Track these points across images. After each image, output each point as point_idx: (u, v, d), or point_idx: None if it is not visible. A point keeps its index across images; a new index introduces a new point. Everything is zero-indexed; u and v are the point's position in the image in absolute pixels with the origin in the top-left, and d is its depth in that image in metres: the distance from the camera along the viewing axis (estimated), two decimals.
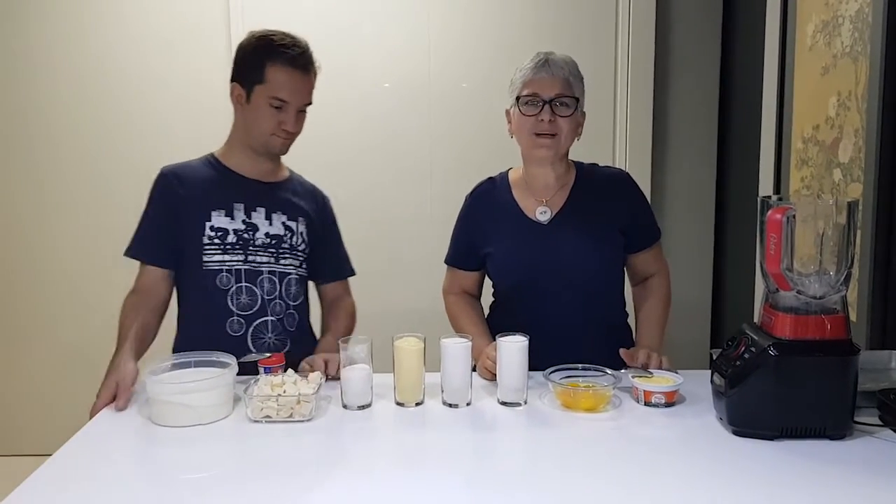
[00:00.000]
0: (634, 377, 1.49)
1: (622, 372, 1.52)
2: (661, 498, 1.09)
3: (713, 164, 2.91)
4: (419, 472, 1.19)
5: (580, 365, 1.53)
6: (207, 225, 1.68)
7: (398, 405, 1.47)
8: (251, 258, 1.69)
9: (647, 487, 1.12)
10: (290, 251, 1.73)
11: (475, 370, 1.61)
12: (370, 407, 1.46)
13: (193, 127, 2.87)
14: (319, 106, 1.75)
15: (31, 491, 1.12)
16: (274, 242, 1.71)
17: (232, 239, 1.68)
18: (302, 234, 1.76)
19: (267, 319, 1.71)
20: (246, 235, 1.69)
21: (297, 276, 1.76)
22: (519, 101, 1.66)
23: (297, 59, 1.64)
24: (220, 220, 1.68)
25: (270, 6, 2.75)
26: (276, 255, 1.71)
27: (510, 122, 1.71)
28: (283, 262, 1.72)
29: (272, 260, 1.71)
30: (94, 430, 1.37)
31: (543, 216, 1.71)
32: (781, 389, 1.26)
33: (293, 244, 1.74)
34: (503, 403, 1.48)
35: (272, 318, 1.71)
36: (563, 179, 1.73)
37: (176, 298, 1.77)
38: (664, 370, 1.55)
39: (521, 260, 1.71)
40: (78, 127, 2.90)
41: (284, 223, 1.73)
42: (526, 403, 1.47)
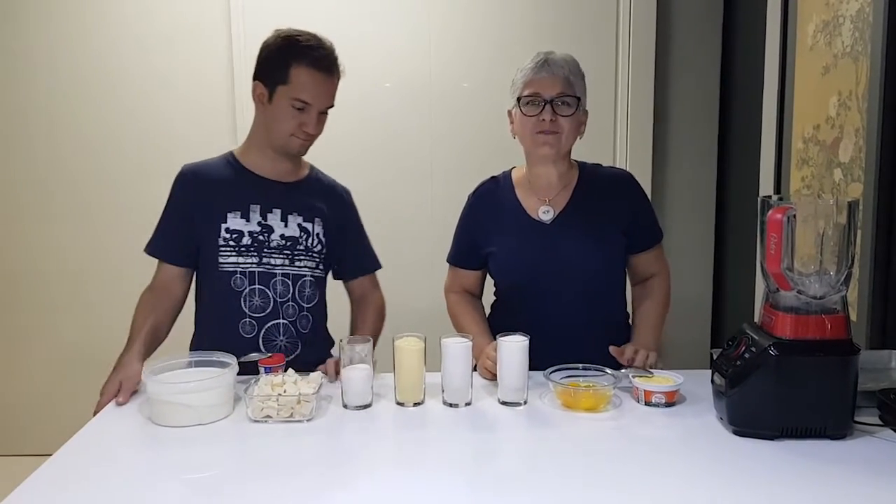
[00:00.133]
0: (635, 377, 1.49)
1: (622, 372, 1.52)
2: (661, 498, 1.09)
3: (713, 164, 2.91)
4: (419, 471, 1.19)
5: (580, 365, 1.53)
6: (223, 227, 1.68)
7: (398, 405, 1.47)
8: (265, 260, 1.69)
9: (647, 487, 1.12)
10: (305, 253, 1.73)
11: (476, 370, 1.61)
12: (370, 407, 1.46)
13: (195, 125, 2.88)
14: None
15: (31, 491, 1.12)
16: (289, 244, 1.71)
17: (247, 241, 1.68)
18: (318, 235, 1.74)
19: (279, 322, 1.70)
20: (261, 237, 1.69)
21: (311, 277, 1.75)
22: (520, 101, 1.66)
23: (321, 60, 1.63)
24: (235, 221, 1.68)
25: (270, 6, 2.75)
26: (290, 256, 1.71)
27: (512, 122, 1.71)
28: (297, 263, 1.72)
29: (286, 262, 1.70)
30: (94, 430, 1.37)
31: (546, 216, 1.71)
32: (782, 389, 1.26)
33: (308, 246, 1.73)
34: (503, 403, 1.47)
35: (284, 320, 1.71)
36: (565, 179, 1.73)
37: (194, 297, 1.78)
38: (651, 368, 1.55)
39: (523, 259, 1.71)
40: (80, 126, 2.90)
41: (300, 224, 1.72)
42: (526, 403, 1.47)
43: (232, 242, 1.68)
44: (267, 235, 1.69)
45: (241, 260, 1.68)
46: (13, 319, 3.01)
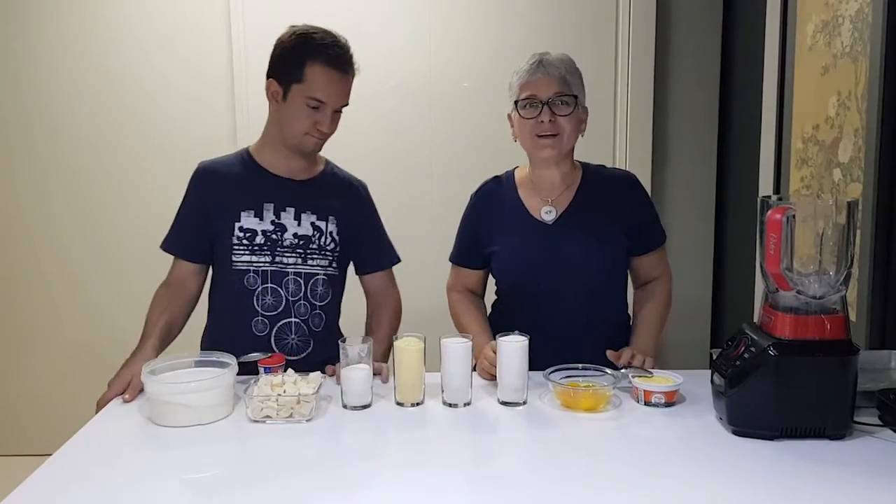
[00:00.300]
0: (634, 377, 1.49)
1: (622, 372, 1.52)
2: (661, 498, 1.09)
3: (713, 163, 2.91)
4: (419, 472, 1.19)
5: (580, 365, 1.53)
6: (236, 226, 1.68)
7: (398, 405, 1.47)
8: (278, 259, 1.69)
9: (647, 487, 1.12)
10: (318, 252, 1.72)
11: (475, 370, 1.61)
12: (370, 407, 1.47)
13: (195, 125, 2.89)
14: None
15: (31, 491, 1.12)
16: (302, 243, 1.70)
17: (260, 240, 1.68)
18: (332, 233, 1.74)
19: (290, 321, 1.70)
20: (274, 236, 1.69)
21: (324, 276, 1.74)
22: (518, 104, 1.65)
23: (337, 59, 1.62)
24: (249, 220, 1.68)
25: (270, 5, 2.75)
26: (303, 255, 1.71)
27: (512, 126, 1.70)
28: (310, 262, 1.71)
29: (299, 261, 1.70)
30: (94, 430, 1.37)
31: (548, 216, 1.71)
32: (781, 389, 1.26)
33: (322, 244, 1.73)
34: (503, 403, 1.47)
35: (296, 319, 1.71)
36: (568, 179, 1.73)
37: (207, 294, 1.78)
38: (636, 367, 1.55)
39: (525, 259, 1.71)
40: (81, 126, 2.91)
41: (313, 223, 1.72)
42: (526, 403, 1.47)
43: (245, 241, 1.68)
44: (280, 234, 1.69)
45: (254, 259, 1.68)
46: (14, 319, 3.01)
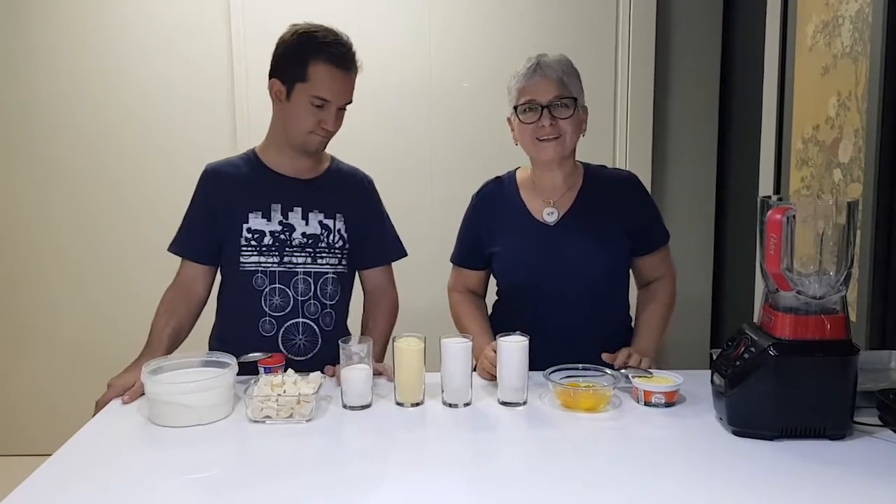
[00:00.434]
0: (634, 377, 1.49)
1: (622, 372, 1.52)
2: (660, 498, 1.09)
3: (713, 164, 2.91)
4: (419, 472, 1.19)
5: (580, 365, 1.53)
6: (244, 227, 1.68)
7: (398, 405, 1.47)
8: (287, 259, 1.69)
9: (646, 487, 1.12)
10: (327, 250, 1.72)
11: (476, 370, 1.61)
12: (370, 407, 1.46)
13: (195, 125, 2.89)
14: None
15: (30, 491, 1.12)
16: (310, 242, 1.70)
17: (268, 241, 1.68)
18: (339, 230, 1.74)
19: (298, 321, 1.70)
20: (282, 237, 1.69)
21: (334, 274, 1.74)
22: (517, 109, 1.65)
23: (340, 57, 1.62)
24: (256, 221, 1.69)
25: (270, 5, 2.75)
26: (312, 254, 1.71)
27: (513, 129, 1.70)
28: (319, 261, 1.71)
29: (309, 260, 1.70)
30: (93, 430, 1.37)
31: (551, 217, 1.71)
32: (781, 390, 1.26)
33: (330, 242, 1.73)
34: (503, 403, 1.47)
35: (304, 319, 1.71)
36: (570, 180, 1.73)
37: (217, 295, 1.78)
38: (634, 367, 1.54)
39: (527, 260, 1.71)
40: (81, 126, 2.90)
41: (321, 222, 1.72)
42: (526, 403, 1.47)
43: (254, 242, 1.68)
44: (288, 234, 1.69)
45: (262, 259, 1.68)
46: (14, 319, 3.01)
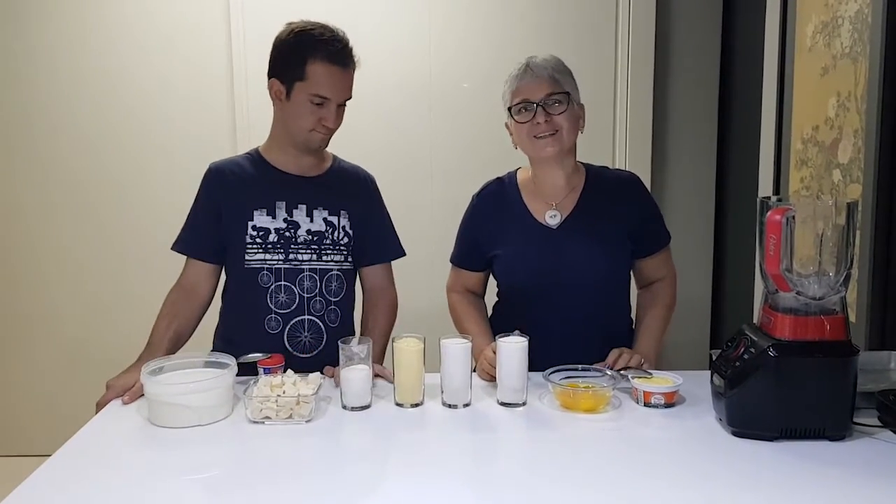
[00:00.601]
0: (634, 378, 1.48)
1: (621, 373, 1.52)
2: (660, 499, 1.09)
3: (713, 164, 2.91)
4: (418, 473, 1.19)
5: (580, 366, 1.53)
6: (250, 224, 1.69)
7: (397, 406, 1.47)
8: (292, 256, 1.70)
9: (646, 488, 1.12)
10: (332, 247, 1.73)
11: (475, 371, 1.60)
12: (369, 408, 1.46)
13: (195, 125, 2.89)
14: None
15: (30, 492, 1.12)
16: (315, 239, 1.71)
17: (273, 238, 1.69)
18: (344, 227, 1.75)
19: (304, 318, 1.71)
20: (287, 234, 1.70)
21: (339, 271, 1.75)
22: (511, 110, 1.65)
23: (337, 54, 1.62)
24: (261, 219, 1.69)
25: (270, 5, 2.75)
26: (318, 251, 1.71)
27: (511, 133, 1.70)
28: (325, 258, 1.72)
29: (314, 257, 1.71)
30: (93, 430, 1.37)
31: (553, 220, 1.70)
32: (781, 390, 1.26)
33: (335, 239, 1.73)
34: (503, 404, 1.47)
35: (310, 316, 1.71)
36: (572, 181, 1.72)
37: (221, 294, 1.79)
38: (634, 368, 1.54)
39: (529, 263, 1.70)
40: (81, 126, 2.91)
41: (325, 219, 1.72)
42: (525, 404, 1.47)
43: (259, 240, 1.69)
44: (293, 232, 1.70)
45: (267, 257, 1.69)
46: (14, 319, 3.01)
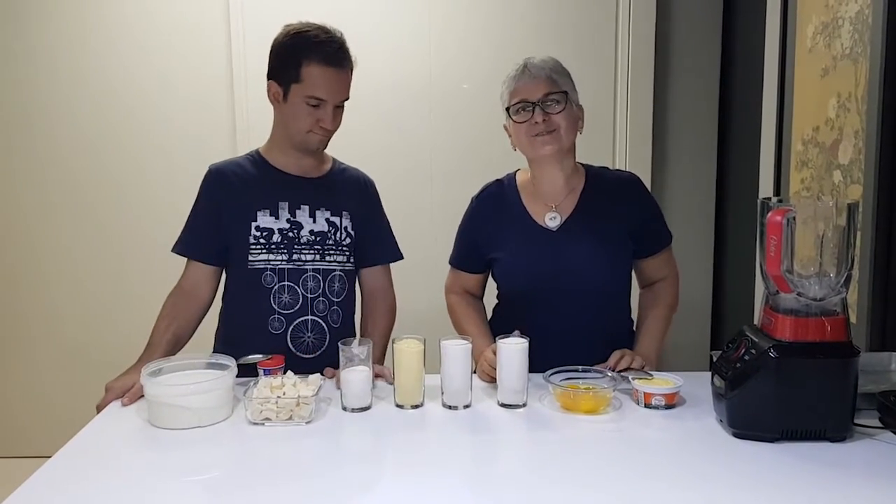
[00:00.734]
0: (634, 379, 1.48)
1: (621, 375, 1.51)
2: (660, 500, 1.08)
3: (713, 165, 2.91)
4: (418, 474, 1.19)
5: (580, 367, 1.53)
6: (253, 225, 1.69)
7: (398, 407, 1.47)
8: (295, 256, 1.70)
9: (646, 490, 1.11)
10: (335, 247, 1.73)
11: (475, 372, 1.60)
12: (370, 409, 1.46)
13: (195, 125, 2.89)
14: None
15: (29, 492, 1.12)
16: (318, 240, 1.72)
17: (277, 238, 1.69)
18: (346, 228, 1.75)
19: (307, 319, 1.71)
20: (291, 234, 1.70)
21: (341, 272, 1.75)
22: (509, 111, 1.65)
23: (332, 56, 1.62)
24: (265, 219, 1.69)
25: (270, 5, 2.75)
26: (321, 252, 1.72)
27: (510, 135, 1.69)
28: (328, 258, 1.72)
29: (317, 257, 1.71)
30: (93, 432, 1.37)
31: (553, 222, 1.69)
32: (782, 391, 1.26)
33: (338, 240, 1.74)
34: (503, 405, 1.47)
35: (313, 317, 1.71)
36: (572, 183, 1.71)
37: (221, 294, 1.78)
38: (635, 369, 1.54)
39: (529, 266, 1.69)
40: (81, 126, 2.90)
41: (328, 219, 1.73)
42: (526, 405, 1.47)
43: (262, 240, 1.69)
44: (297, 232, 1.70)
45: (271, 257, 1.69)
46: (14, 320, 3.01)
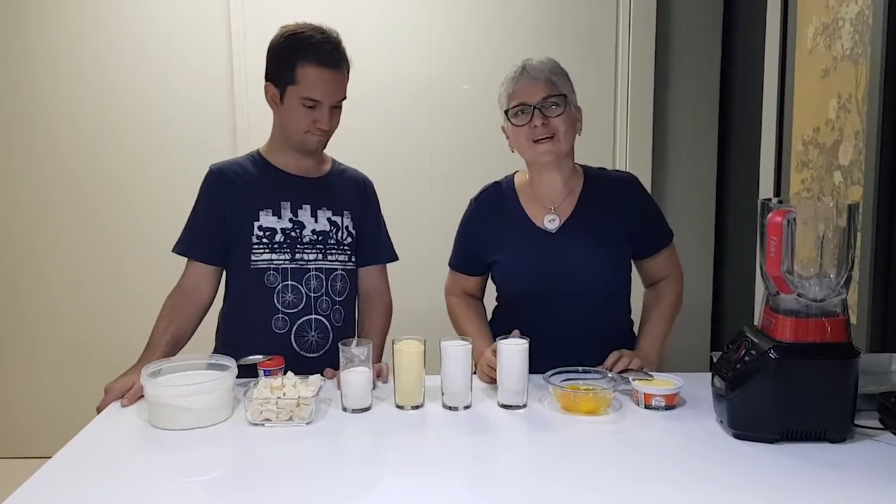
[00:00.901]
0: (635, 380, 1.48)
1: (622, 376, 1.51)
2: (660, 501, 1.08)
3: (713, 165, 2.91)
4: (418, 475, 1.19)
5: (580, 368, 1.53)
6: (256, 225, 1.69)
7: (398, 408, 1.47)
8: (298, 256, 1.70)
9: (646, 491, 1.11)
10: (336, 246, 1.74)
11: (476, 373, 1.60)
12: (370, 410, 1.46)
13: (195, 125, 2.89)
14: None
15: (29, 493, 1.12)
16: (321, 239, 1.72)
17: (279, 238, 1.70)
18: (347, 227, 1.76)
19: (311, 318, 1.71)
20: (293, 234, 1.70)
21: (343, 271, 1.76)
22: (508, 113, 1.64)
23: (327, 57, 1.62)
24: (267, 219, 1.69)
25: (270, 5, 2.75)
26: (323, 251, 1.72)
27: (508, 137, 1.69)
28: (330, 257, 1.73)
29: (320, 256, 1.72)
30: (92, 432, 1.37)
31: (552, 224, 1.69)
32: (782, 392, 1.25)
33: (339, 239, 1.74)
34: (503, 406, 1.47)
35: (316, 316, 1.72)
36: (570, 185, 1.71)
37: (222, 294, 1.78)
38: (635, 370, 1.54)
39: (528, 269, 1.69)
40: (81, 126, 2.90)
41: (330, 219, 1.73)
42: (526, 406, 1.47)
43: (265, 240, 1.69)
44: (299, 231, 1.71)
45: (273, 256, 1.69)
46: (14, 320, 3.01)
